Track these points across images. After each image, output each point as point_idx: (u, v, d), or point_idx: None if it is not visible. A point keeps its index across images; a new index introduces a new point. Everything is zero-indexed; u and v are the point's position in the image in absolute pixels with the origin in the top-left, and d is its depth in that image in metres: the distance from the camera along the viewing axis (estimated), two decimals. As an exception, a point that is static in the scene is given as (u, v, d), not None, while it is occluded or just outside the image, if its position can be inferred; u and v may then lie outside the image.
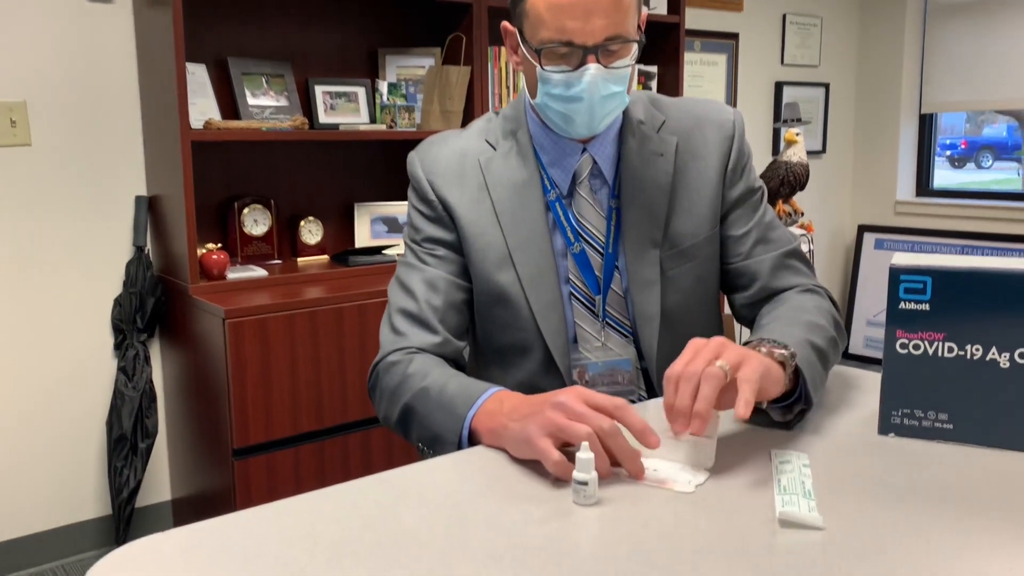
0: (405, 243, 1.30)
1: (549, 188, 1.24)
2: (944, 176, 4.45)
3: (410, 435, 1.15)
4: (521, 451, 0.94)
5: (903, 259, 1.02)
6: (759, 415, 1.04)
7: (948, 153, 8.88)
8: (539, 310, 1.22)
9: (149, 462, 2.53)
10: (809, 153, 4.12)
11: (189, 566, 0.73)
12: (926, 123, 4.36)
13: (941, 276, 0.98)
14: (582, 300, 1.24)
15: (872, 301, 4.25)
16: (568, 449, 0.91)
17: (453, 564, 0.73)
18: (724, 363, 0.92)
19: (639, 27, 1.16)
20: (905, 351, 1.00)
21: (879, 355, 4.15)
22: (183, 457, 2.52)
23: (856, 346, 4.28)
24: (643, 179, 1.24)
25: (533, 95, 1.20)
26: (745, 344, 1.03)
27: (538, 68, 1.14)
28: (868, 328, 4.24)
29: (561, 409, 0.91)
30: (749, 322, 1.29)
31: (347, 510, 0.84)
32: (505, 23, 1.21)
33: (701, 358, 0.93)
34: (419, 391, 1.12)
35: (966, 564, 0.71)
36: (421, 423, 1.11)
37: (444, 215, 1.25)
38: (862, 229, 4.38)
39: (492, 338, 1.27)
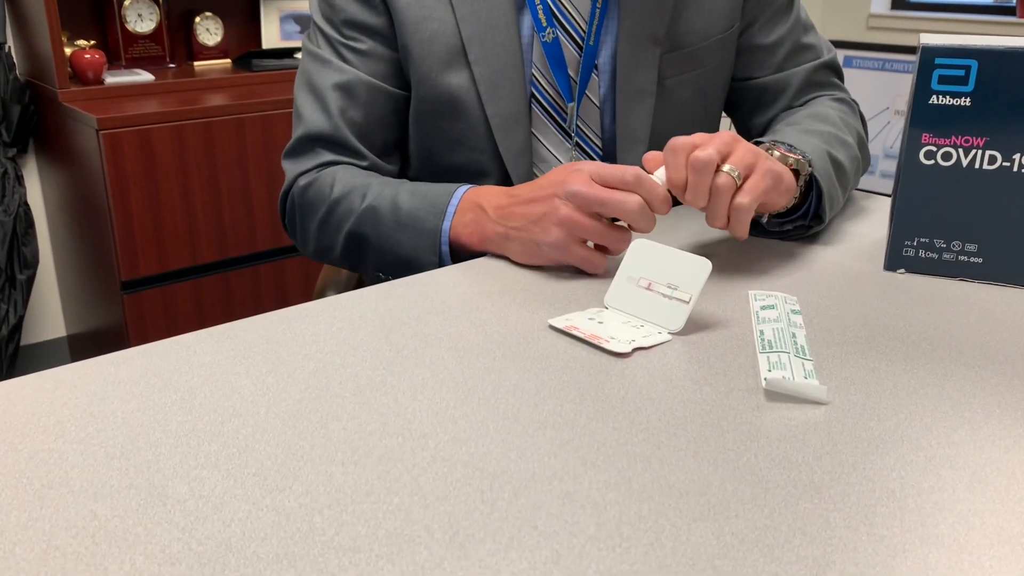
0: (314, 22, 0.98)
1: None
2: None
3: (362, 265, 0.93)
4: (543, 258, 0.78)
5: (935, 39, 0.75)
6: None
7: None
8: (499, 124, 0.94)
9: (37, 295, 2.25)
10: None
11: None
12: (908, -74, 3.96)
13: (993, 59, 0.72)
14: (546, 107, 0.96)
15: (835, 124, 4.00)
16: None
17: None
18: (734, 170, 0.72)
19: None
20: (931, 161, 0.76)
21: (838, 182, 3.95)
22: (74, 290, 2.24)
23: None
24: None
25: None
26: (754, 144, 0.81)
27: None
28: (829, 153, 4.02)
29: (576, 200, 0.75)
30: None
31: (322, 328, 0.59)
32: None
33: (712, 147, 0.72)
34: (363, 213, 0.88)
35: (1022, 454, 0.50)
36: (379, 250, 0.89)
37: None
38: (831, 45, 4.06)
39: (434, 156, 0.99)
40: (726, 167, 0.73)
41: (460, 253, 0.85)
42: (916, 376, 0.59)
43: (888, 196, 0.91)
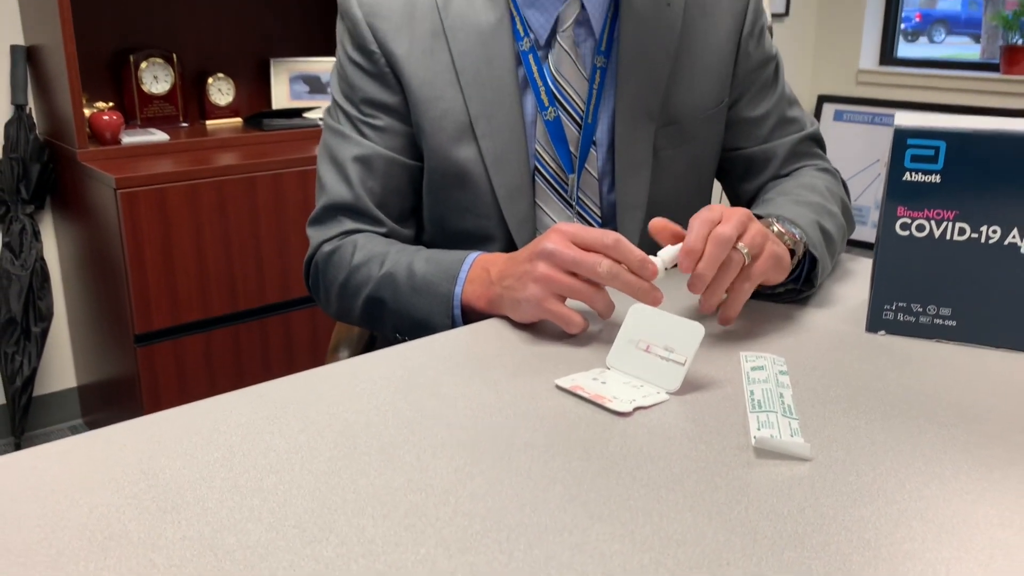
0: (334, 99, 1.05)
1: (522, 35, 1.00)
2: (899, 50, 4.23)
3: (381, 326, 1.00)
4: (525, 315, 0.84)
5: (909, 119, 0.82)
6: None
7: (902, 26, 8.67)
8: (504, 195, 1.01)
9: (49, 347, 2.30)
10: (772, 16, 3.86)
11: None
12: (894, -14, 4.10)
13: (959, 140, 0.78)
14: (549, 179, 1.02)
15: (827, 176, 4.10)
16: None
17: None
18: (747, 250, 0.79)
19: None
20: (906, 232, 0.82)
21: (831, 232, 4.03)
22: (87, 342, 2.29)
23: (808, 222, 4.16)
24: (645, 34, 1.00)
25: None
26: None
27: None
28: (821, 204, 4.11)
29: (551, 259, 0.81)
30: (747, 206, 1.11)
31: (333, 393, 0.65)
32: None
33: (731, 223, 0.78)
34: (382, 279, 0.95)
35: (990, 507, 0.55)
36: (397, 312, 0.95)
37: (387, 71, 1.00)
38: (822, 99, 4.18)
39: (445, 223, 1.06)
40: (740, 245, 0.79)
41: (471, 315, 0.91)
42: (892, 434, 0.65)
43: (873, 249, 0.98)
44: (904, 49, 7.90)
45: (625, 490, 0.57)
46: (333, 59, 2.49)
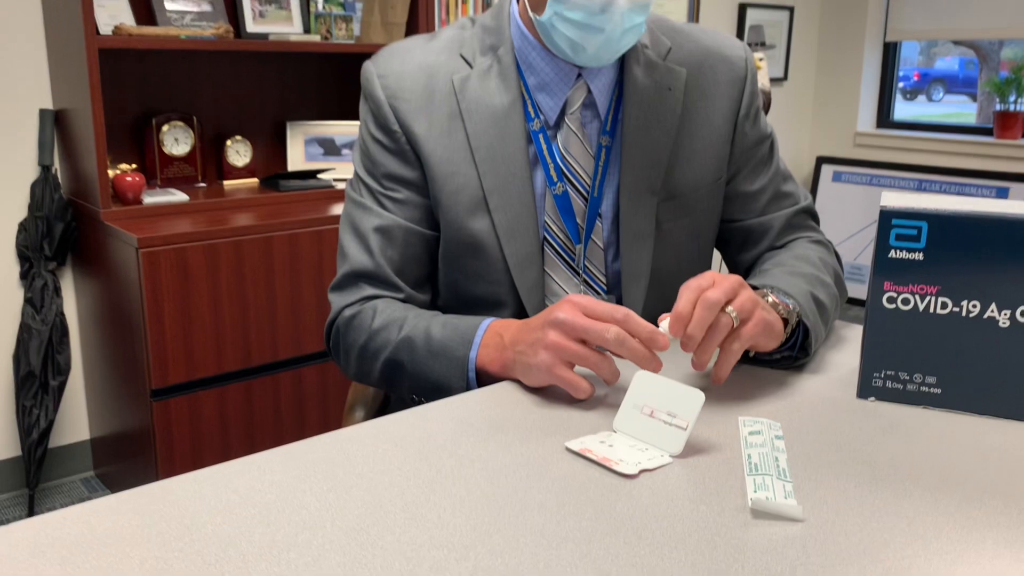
0: (357, 174, 1.12)
1: (532, 116, 1.07)
2: (897, 109, 4.35)
3: (398, 388, 1.05)
4: (536, 380, 0.89)
5: (894, 200, 0.88)
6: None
7: (901, 85, 8.85)
8: (515, 263, 1.07)
9: (64, 399, 2.35)
10: (771, 80, 3.97)
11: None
12: (889, 52, 4.23)
13: (939, 221, 0.85)
14: (558, 249, 1.09)
15: (828, 234, 4.17)
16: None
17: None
18: (735, 314, 0.86)
19: None
20: (892, 306, 0.88)
21: (831, 290, 4.09)
22: (100, 395, 2.34)
23: (808, 280, 4.22)
24: (647, 116, 1.08)
25: (537, 7, 1.01)
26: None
27: None
28: (821, 262, 4.17)
29: (561, 328, 0.87)
30: (745, 274, 1.17)
31: (354, 456, 0.70)
32: None
33: (721, 288, 0.85)
34: (400, 343, 1.01)
35: (968, 567, 0.60)
36: (414, 375, 1.01)
37: (408, 149, 1.07)
38: (820, 161, 4.28)
39: (459, 289, 1.12)
40: (729, 309, 0.86)
41: (485, 378, 0.97)
42: (879, 496, 0.70)
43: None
44: (903, 108, 8.06)
45: (631, 549, 0.62)
46: (346, 122, 2.59)
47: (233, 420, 2.10)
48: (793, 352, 0.97)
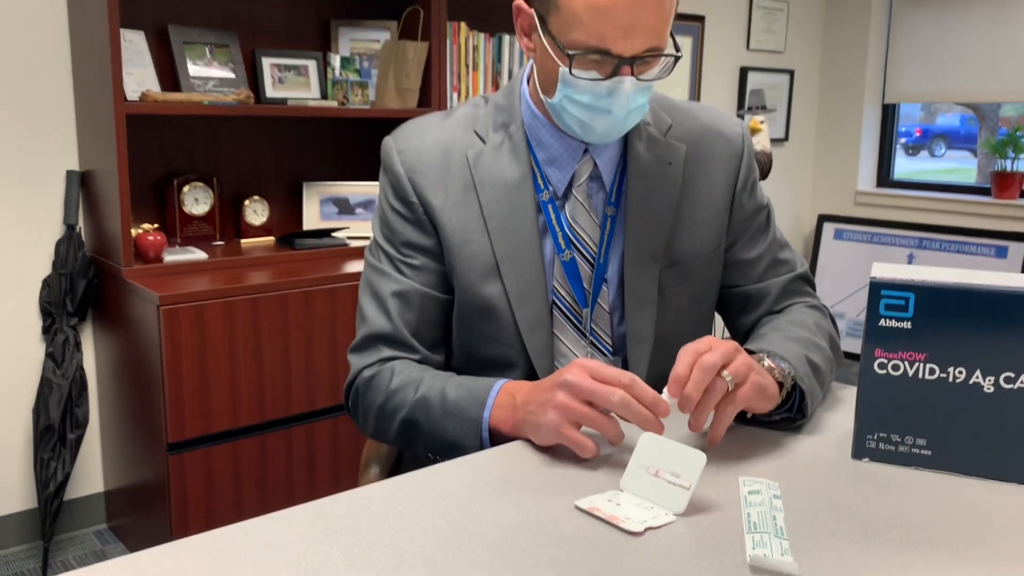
0: (376, 240, 1.18)
1: (542, 188, 1.14)
2: (899, 164, 4.43)
3: (414, 447, 1.11)
4: (545, 439, 0.95)
5: (884, 271, 0.94)
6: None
7: (903, 141, 8.98)
8: (526, 327, 1.13)
9: (80, 452, 2.39)
10: (772, 140, 4.07)
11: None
12: (888, 113, 4.34)
13: (926, 293, 0.90)
14: (566, 312, 1.15)
15: (831, 292, 4.23)
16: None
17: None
18: (731, 378, 0.91)
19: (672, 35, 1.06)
20: (883, 371, 0.93)
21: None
22: (117, 448, 2.38)
23: (812, 336, 4.26)
24: (650, 188, 1.15)
25: (547, 91, 1.09)
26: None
27: (563, 69, 1.03)
28: (825, 318, 4.22)
29: (570, 389, 0.92)
30: (744, 338, 1.23)
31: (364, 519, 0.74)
32: (520, 2, 1.09)
33: (717, 352, 0.91)
34: (416, 403, 1.06)
35: (956, 625, 0.64)
36: (429, 435, 1.06)
37: (424, 219, 1.14)
38: (822, 219, 4.36)
39: (472, 350, 1.17)
40: (724, 373, 0.91)
41: (498, 437, 1.02)
42: (871, 554, 0.75)
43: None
44: (906, 164, 8.15)
45: (637, 602, 0.66)
46: (361, 183, 2.68)
47: (246, 473, 2.14)
48: (791, 414, 1.02)
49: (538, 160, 1.15)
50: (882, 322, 0.93)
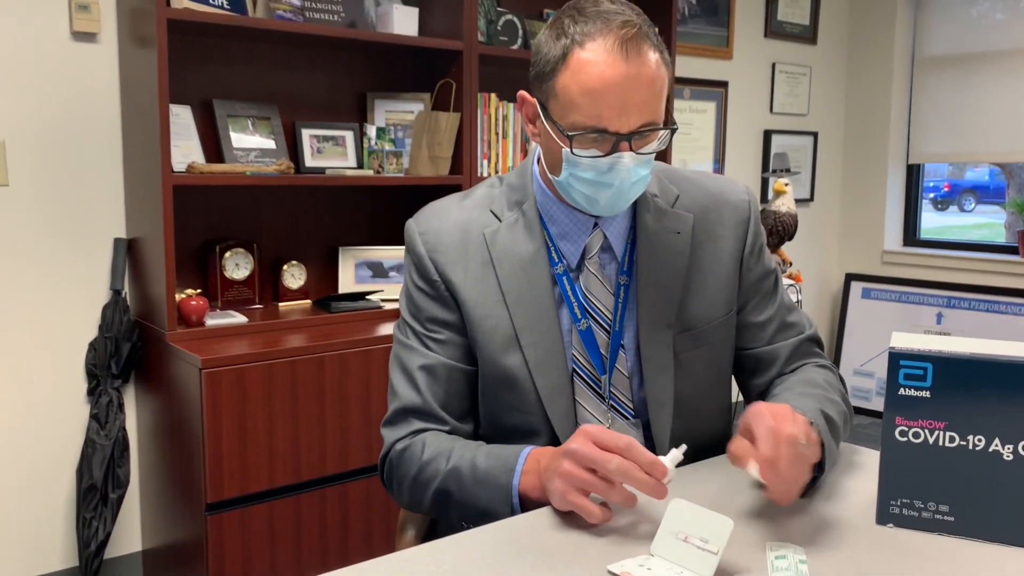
0: (403, 318, 1.25)
1: (557, 261, 1.20)
2: (927, 219, 4.45)
3: (447, 515, 1.15)
4: (558, 505, 0.99)
5: (903, 341, 0.98)
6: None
7: (931, 195, 8.97)
8: (547, 395, 1.17)
9: (120, 512, 2.44)
10: (797, 201, 4.12)
11: None
12: (913, 172, 4.38)
13: (942, 363, 0.94)
14: (585, 379, 1.20)
15: (859, 350, 4.23)
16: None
17: None
18: (808, 448, 0.95)
19: (668, 109, 1.13)
20: (904, 439, 0.97)
21: (865, 405, 4.12)
22: (155, 508, 2.44)
23: (843, 395, 4.25)
24: (659, 257, 1.20)
25: (554, 170, 1.16)
26: None
27: (565, 150, 1.10)
28: (855, 378, 4.21)
29: (573, 458, 0.97)
30: (759, 399, 1.26)
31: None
32: (524, 93, 1.17)
33: (797, 425, 0.95)
34: (448, 473, 1.11)
35: None
36: (462, 503, 1.11)
37: (447, 295, 1.20)
38: (849, 278, 4.37)
39: (497, 420, 1.22)
40: (804, 444, 0.94)
41: (528, 503, 1.06)
42: (894, 620, 0.77)
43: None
44: (935, 219, 8.12)
45: (668, 664, 0.70)
46: (394, 247, 2.76)
47: (281, 533, 2.18)
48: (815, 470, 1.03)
49: (551, 235, 1.21)
50: (902, 391, 0.96)
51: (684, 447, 0.98)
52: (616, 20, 1.06)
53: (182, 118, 2.42)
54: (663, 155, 3.16)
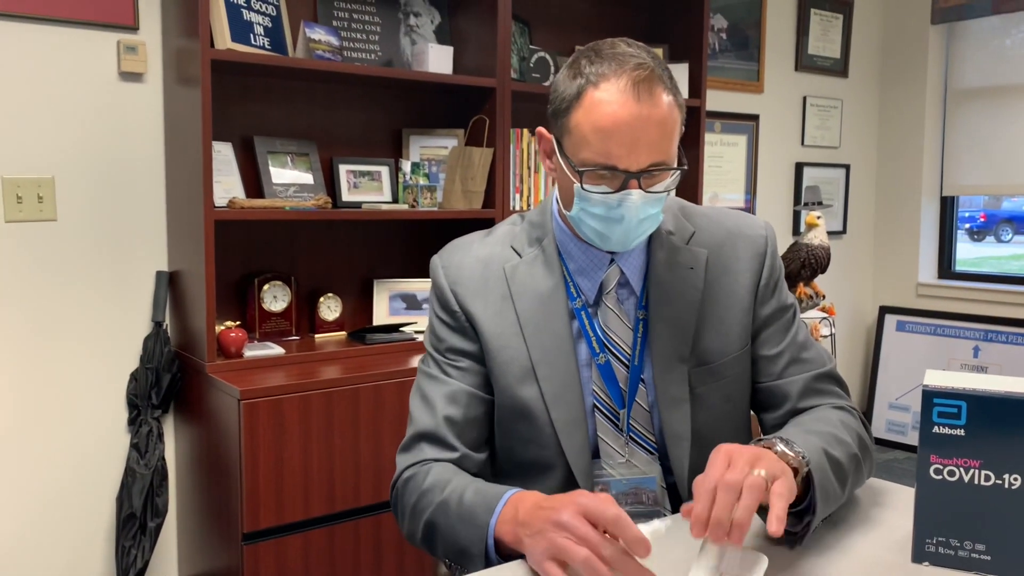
0: (427, 351, 1.28)
1: (575, 296, 1.22)
2: (963, 250, 4.40)
3: (436, 551, 1.14)
4: (536, 566, 0.96)
5: (937, 379, 0.99)
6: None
7: (967, 226, 8.87)
8: (562, 428, 1.19)
9: (158, 540, 2.48)
10: (829, 233, 4.11)
11: None
12: (947, 204, 4.35)
13: (976, 401, 0.95)
14: (605, 413, 1.21)
15: (894, 384, 4.18)
16: None
17: None
18: (765, 473, 0.92)
19: (679, 148, 1.15)
20: (939, 477, 0.97)
21: (901, 439, 4.06)
22: (192, 537, 2.47)
23: (878, 430, 4.19)
24: (671, 292, 1.22)
25: (567, 205, 1.19)
26: (756, 442, 1.02)
27: (576, 185, 1.13)
28: (890, 412, 4.16)
29: (562, 529, 0.92)
30: None
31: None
32: (542, 129, 1.21)
33: (738, 467, 0.91)
34: (439, 505, 1.11)
35: None
36: (445, 538, 1.10)
37: (467, 326, 1.24)
38: (883, 311, 4.34)
39: (513, 452, 1.24)
40: (758, 471, 0.91)
41: (504, 549, 1.03)
42: (930, 659, 0.78)
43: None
44: (971, 250, 8.01)
45: None
46: (427, 280, 2.79)
47: (316, 563, 2.20)
48: (810, 512, 1.00)
49: (569, 271, 1.23)
50: (936, 429, 0.97)
51: (669, 522, 0.94)
52: (630, 62, 1.09)
53: (224, 154, 2.49)
54: (692, 189, 3.18)
